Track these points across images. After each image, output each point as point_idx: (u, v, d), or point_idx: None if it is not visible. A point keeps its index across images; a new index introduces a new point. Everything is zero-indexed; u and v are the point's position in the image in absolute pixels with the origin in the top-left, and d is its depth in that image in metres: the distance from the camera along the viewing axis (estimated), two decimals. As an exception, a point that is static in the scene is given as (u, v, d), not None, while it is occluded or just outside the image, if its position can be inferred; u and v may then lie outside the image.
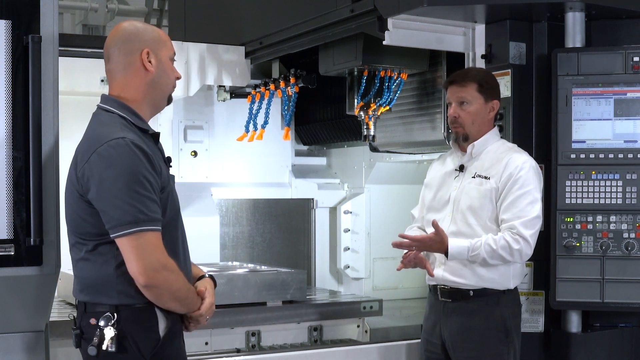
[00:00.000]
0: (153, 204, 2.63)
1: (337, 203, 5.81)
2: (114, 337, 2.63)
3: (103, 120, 2.75)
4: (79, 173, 2.66)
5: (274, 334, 4.43)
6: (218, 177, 5.55)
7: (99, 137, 2.66)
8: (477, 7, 3.93)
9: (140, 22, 2.94)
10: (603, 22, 4.05)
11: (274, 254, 5.70)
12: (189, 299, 2.78)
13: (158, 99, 2.87)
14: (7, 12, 2.97)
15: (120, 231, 2.59)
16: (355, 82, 4.79)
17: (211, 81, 5.12)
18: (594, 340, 4.00)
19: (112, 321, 2.64)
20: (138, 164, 2.62)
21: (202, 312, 2.83)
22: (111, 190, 2.59)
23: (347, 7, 4.24)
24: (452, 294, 3.67)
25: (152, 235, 2.62)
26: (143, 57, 2.79)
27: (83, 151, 2.69)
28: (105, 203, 2.60)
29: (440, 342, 3.72)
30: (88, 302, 2.71)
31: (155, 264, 2.62)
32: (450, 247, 3.52)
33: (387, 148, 5.29)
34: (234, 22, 5.41)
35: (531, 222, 3.50)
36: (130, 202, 2.58)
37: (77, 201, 2.69)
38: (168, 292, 2.69)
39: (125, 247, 2.61)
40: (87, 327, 2.70)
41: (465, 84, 3.68)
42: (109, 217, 2.60)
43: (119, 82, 2.82)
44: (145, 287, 2.63)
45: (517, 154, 3.63)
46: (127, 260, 2.62)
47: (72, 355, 3.90)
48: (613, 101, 3.90)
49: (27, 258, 3.00)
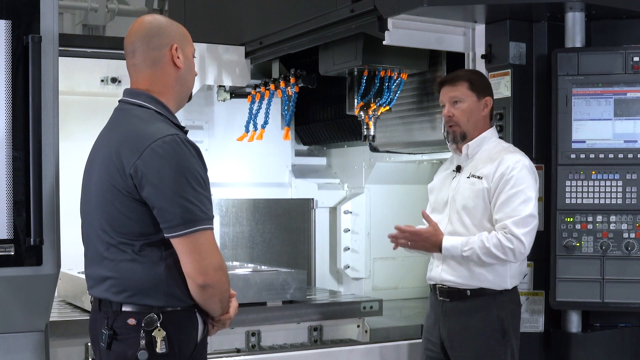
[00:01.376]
0: (208, 202, 2.58)
1: (337, 203, 5.81)
2: (165, 338, 2.57)
3: (141, 116, 2.67)
4: (130, 170, 2.54)
5: (274, 334, 4.43)
6: (218, 177, 5.54)
7: (147, 134, 2.57)
8: (477, 7, 3.93)
9: (162, 16, 2.87)
10: (603, 22, 4.05)
11: (274, 254, 5.70)
12: (227, 301, 2.73)
13: (184, 95, 2.82)
14: (7, 12, 2.96)
15: (181, 230, 2.52)
16: (355, 82, 4.79)
17: (211, 81, 5.12)
18: (594, 340, 4.00)
19: (158, 323, 2.58)
20: (193, 161, 2.56)
21: (231, 315, 2.78)
22: (170, 188, 2.51)
23: (347, 7, 4.25)
24: (450, 293, 3.68)
25: (210, 233, 2.58)
26: (173, 52, 2.73)
27: (130, 147, 2.57)
28: (164, 200, 2.52)
29: (439, 341, 3.73)
30: (124, 303, 2.61)
31: (215, 264, 2.58)
32: (444, 240, 3.57)
33: (387, 148, 5.29)
34: (234, 22, 5.41)
35: (523, 220, 3.49)
36: (190, 200, 2.52)
37: (123, 200, 2.58)
38: (220, 292, 2.64)
39: (185, 246, 2.54)
40: (122, 328, 2.60)
41: (456, 83, 3.72)
42: (169, 215, 2.52)
43: (147, 77, 2.74)
44: (203, 286, 2.57)
45: (510, 154, 3.63)
46: (185, 259, 2.56)
47: (72, 355, 3.93)
48: (613, 101, 3.90)
49: (27, 258, 2.99)
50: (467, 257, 3.54)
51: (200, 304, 2.64)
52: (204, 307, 2.66)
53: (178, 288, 2.60)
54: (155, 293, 2.59)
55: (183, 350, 2.62)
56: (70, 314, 4.14)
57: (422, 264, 5.58)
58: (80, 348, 3.91)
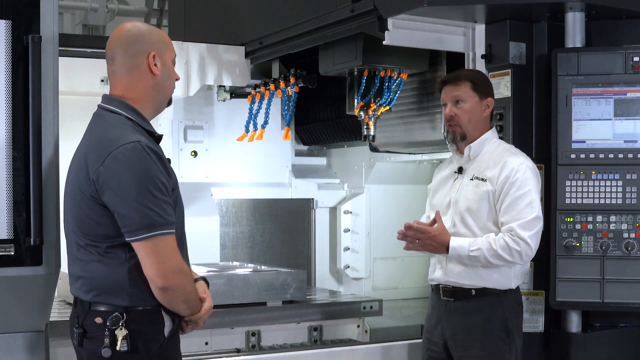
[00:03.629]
0: (169, 207, 2.66)
1: (337, 203, 5.81)
2: (126, 337, 2.66)
3: (111, 122, 2.75)
4: (93, 175, 2.64)
5: (274, 334, 4.43)
6: (218, 177, 5.55)
7: (112, 140, 2.65)
8: (477, 7, 3.93)
9: (142, 23, 2.95)
10: (603, 22, 4.05)
11: (274, 254, 5.70)
12: (195, 302, 2.81)
13: (161, 101, 2.89)
14: (7, 12, 2.97)
15: (139, 235, 2.61)
16: (355, 82, 4.79)
17: (211, 81, 5.12)
18: (594, 340, 4.00)
19: (121, 321, 2.66)
20: (154, 167, 2.64)
21: (202, 315, 2.85)
22: (130, 194, 2.59)
23: (347, 7, 4.25)
24: (454, 293, 3.67)
25: (169, 238, 2.65)
26: (150, 60, 2.80)
27: (95, 153, 2.66)
28: (123, 206, 2.61)
29: (442, 341, 3.73)
30: (93, 302, 2.72)
31: (173, 267, 2.66)
32: (452, 241, 3.55)
33: (387, 148, 5.29)
34: (234, 22, 5.41)
35: (529, 223, 3.50)
36: (148, 206, 2.60)
37: (89, 203, 2.67)
38: (181, 295, 2.72)
39: (144, 250, 2.62)
40: (91, 326, 2.71)
41: (458, 83, 3.70)
42: (127, 220, 2.61)
43: (123, 83, 2.82)
44: (162, 289, 2.66)
45: (513, 156, 3.63)
46: (145, 263, 2.64)
47: (72, 355, 3.92)
48: (613, 101, 3.90)
49: (27, 258, 3.00)
50: (474, 258, 3.53)
51: (164, 305, 2.72)
52: (169, 308, 2.74)
53: (141, 289, 2.69)
54: (119, 293, 2.69)
55: (150, 348, 2.70)
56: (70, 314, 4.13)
57: (422, 264, 5.59)
58: (80, 348, 3.91)
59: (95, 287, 2.71)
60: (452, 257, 3.59)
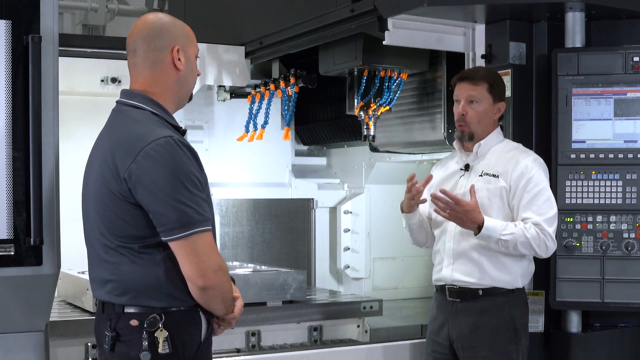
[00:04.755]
0: (204, 203, 2.56)
1: (337, 203, 5.81)
2: (167, 339, 2.56)
3: (136, 118, 2.64)
4: (124, 174, 2.53)
5: (274, 334, 4.42)
6: (218, 177, 5.54)
7: (141, 136, 2.55)
8: (477, 7, 3.93)
9: (166, 15, 2.84)
10: (603, 22, 4.05)
11: (274, 254, 5.70)
12: (231, 300, 2.72)
13: (183, 96, 2.79)
14: (7, 12, 2.96)
15: (177, 234, 2.50)
16: (355, 82, 4.79)
17: (211, 81, 5.12)
18: (594, 340, 4.00)
19: (160, 323, 2.57)
20: (188, 163, 2.54)
21: (236, 314, 2.76)
22: (164, 191, 2.49)
23: (347, 7, 4.25)
24: (460, 293, 3.66)
25: (208, 235, 2.55)
26: (174, 54, 2.71)
27: (124, 150, 2.55)
28: (158, 204, 2.50)
29: (448, 342, 3.71)
30: (127, 305, 2.60)
31: (214, 265, 2.56)
32: (487, 220, 3.49)
33: (387, 148, 5.29)
34: (234, 22, 5.41)
35: (552, 219, 3.54)
36: (185, 202, 2.50)
37: (119, 203, 2.56)
38: (221, 294, 2.63)
39: (182, 249, 2.52)
40: (125, 330, 2.59)
41: (477, 82, 3.67)
42: (164, 218, 2.50)
43: (146, 77, 2.71)
44: (203, 288, 2.56)
45: (525, 153, 3.66)
46: (184, 262, 2.54)
47: (72, 355, 3.93)
48: (613, 101, 3.90)
49: (27, 258, 2.98)
50: (503, 242, 3.47)
51: (202, 305, 2.63)
52: (206, 308, 2.65)
53: (179, 289, 2.59)
54: (156, 294, 2.58)
55: (187, 350, 2.61)
56: (70, 314, 4.14)
57: (422, 264, 5.59)
58: (80, 348, 3.91)
59: (130, 290, 2.59)
60: (482, 236, 3.49)
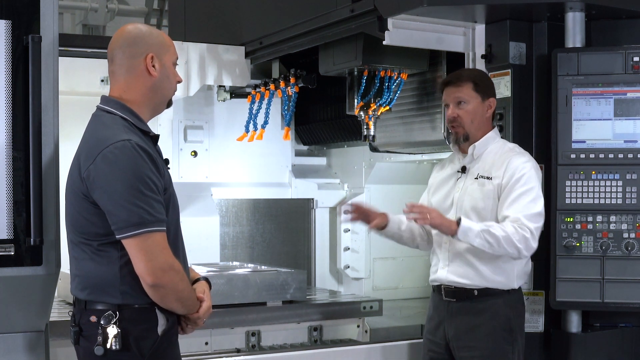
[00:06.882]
0: (158, 205, 2.68)
1: (337, 203, 5.80)
2: (118, 335, 2.67)
3: (105, 122, 2.78)
4: (84, 174, 2.68)
5: (274, 334, 4.42)
6: (218, 177, 5.55)
7: (103, 139, 2.69)
8: (477, 7, 3.93)
9: (145, 25, 2.97)
10: (603, 22, 4.05)
11: (274, 254, 5.70)
12: (190, 300, 2.83)
13: (158, 102, 2.90)
14: (7, 12, 2.97)
15: (128, 232, 2.63)
16: (355, 82, 4.79)
17: (211, 81, 5.12)
18: (594, 340, 4.00)
19: (114, 320, 2.69)
20: (143, 165, 2.66)
21: (200, 315, 2.87)
22: (117, 192, 2.62)
23: (347, 7, 4.25)
24: (456, 293, 3.67)
25: (159, 235, 2.67)
26: (147, 61, 2.82)
27: (87, 152, 2.70)
28: (111, 204, 2.63)
29: (444, 342, 3.72)
30: (89, 301, 2.75)
31: (163, 264, 2.67)
32: (464, 219, 3.49)
33: (387, 148, 5.29)
34: (234, 22, 5.41)
35: (534, 217, 3.51)
36: (136, 203, 2.62)
37: (81, 202, 2.71)
38: (173, 292, 2.73)
39: (133, 248, 2.65)
40: (86, 325, 2.74)
41: (461, 84, 3.69)
42: (115, 218, 2.64)
43: (121, 84, 2.84)
44: (153, 286, 2.67)
45: (518, 154, 3.65)
46: (135, 260, 2.66)
47: (72, 355, 3.91)
48: (613, 101, 3.90)
49: (27, 258, 3.00)
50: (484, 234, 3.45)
51: (157, 302, 2.74)
52: (163, 306, 2.75)
53: (132, 286, 2.71)
54: (111, 290, 2.72)
55: (142, 346, 2.72)
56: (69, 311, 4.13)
57: (422, 264, 5.59)
58: (80, 348, 3.91)
59: (89, 285, 2.75)
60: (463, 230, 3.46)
